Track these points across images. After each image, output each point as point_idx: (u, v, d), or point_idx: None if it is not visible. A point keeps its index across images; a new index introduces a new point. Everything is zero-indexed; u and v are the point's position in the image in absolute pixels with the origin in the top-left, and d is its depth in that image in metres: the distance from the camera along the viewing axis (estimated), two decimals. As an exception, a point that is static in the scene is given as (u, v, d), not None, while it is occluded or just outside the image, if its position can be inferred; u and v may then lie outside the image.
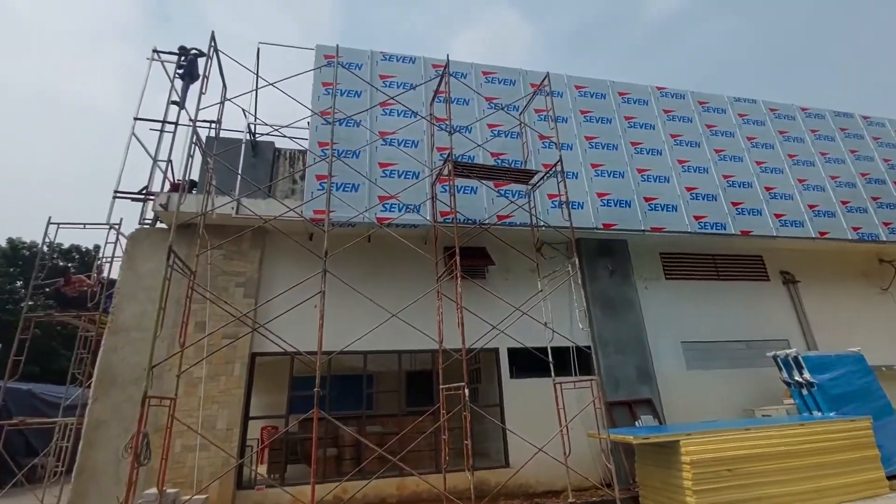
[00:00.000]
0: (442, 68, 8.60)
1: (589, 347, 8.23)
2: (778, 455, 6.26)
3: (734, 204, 10.05)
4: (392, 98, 8.55)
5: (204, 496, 6.02)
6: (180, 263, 6.00)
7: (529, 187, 8.34)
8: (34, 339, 25.08)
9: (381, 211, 7.97)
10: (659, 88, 11.12)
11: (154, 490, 5.63)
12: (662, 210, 9.45)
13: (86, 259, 31.75)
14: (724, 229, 9.68)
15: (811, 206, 10.54)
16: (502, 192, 8.70)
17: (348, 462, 8.08)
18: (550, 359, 7.44)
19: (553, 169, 7.99)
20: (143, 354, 7.15)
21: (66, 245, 31.20)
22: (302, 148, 9.15)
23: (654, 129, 10.44)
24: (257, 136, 9.10)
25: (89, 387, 8.18)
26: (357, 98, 8.88)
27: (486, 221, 8.21)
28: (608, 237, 9.42)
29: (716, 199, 9.97)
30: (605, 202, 9.23)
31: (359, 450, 8.15)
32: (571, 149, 9.49)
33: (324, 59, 8.97)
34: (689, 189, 9.89)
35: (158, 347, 7.29)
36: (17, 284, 28.65)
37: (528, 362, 8.44)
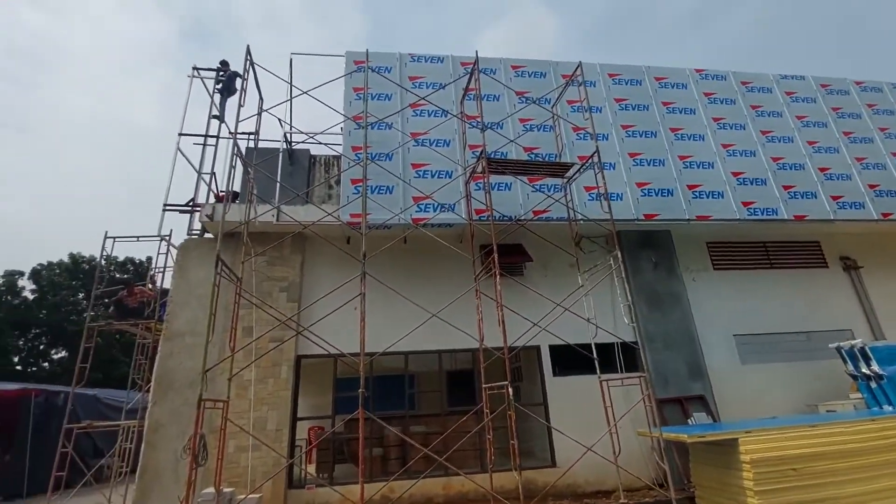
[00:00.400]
0: (470, 65, 8.54)
1: (635, 343, 7.96)
2: (848, 453, 5.83)
3: (785, 187, 9.49)
4: (422, 98, 8.58)
5: (258, 495, 6.21)
6: (227, 271, 6.22)
7: (565, 180, 8.16)
8: (97, 348, 26.77)
9: (416, 211, 8.00)
10: (698, 71, 10.65)
11: (211, 489, 5.85)
12: (707, 197, 9.04)
13: (139, 270, 33.58)
14: (776, 215, 9.16)
15: (872, 186, 9.82)
16: (537, 187, 8.55)
17: (393, 462, 8.15)
18: (595, 355, 7.25)
19: (589, 160, 7.78)
20: (197, 359, 7.49)
21: (121, 258, 33.13)
22: (336, 153, 9.32)
23: (694, 113, 10.01)
24: (293, 144, 9.33)
25: (148, 391, 8.63)
26: (388, 101, 8.95)
27: (522, 217, 8.09)
28: (650, 228, 9.10)
29: (765, 184, 9.45)
30: (646, 192, 8.92)
31: (404, 449, 8.21)
32: (607, 139, 9.22)
33: (354, 65, 9.10)
34: (735, 174, 9.41)
35: (210, 352, 7.60)
36: (80, 296, 30.64)
37: (571, 360, 8.27)
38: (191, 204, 8.35)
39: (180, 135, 8.65)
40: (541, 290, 7.94)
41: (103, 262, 9.94)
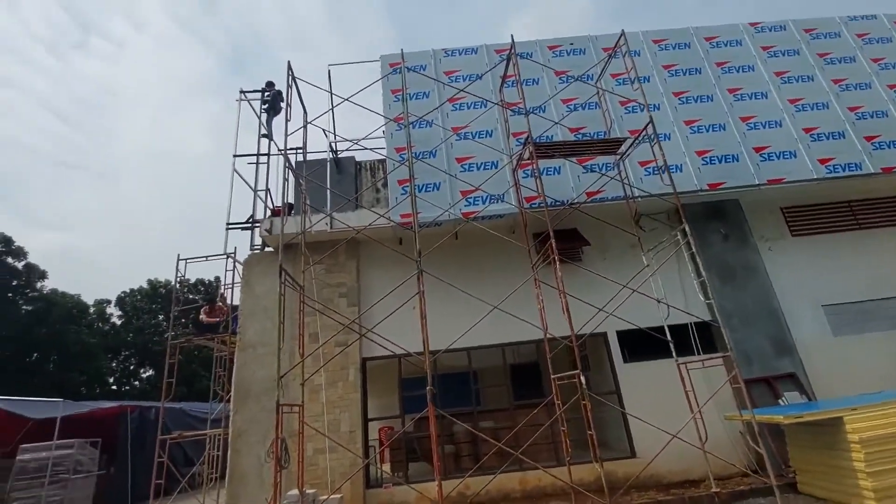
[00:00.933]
0: (505, 52, 8.36)
1: (713, 321, 7.45)
2: (977, 427, 5.15)
3: (868, 138, 8.56)
4: (462, 90, 8.47)
5: (339, 496, 6.37)
6: (290, 280, 6.42)
7: (618, 157, 7.78)
8: (179, 364, 28.72)
9: (465, 206, 7.92)
10: (752, 25, 9.84)
11: (295, 491, 6.07)
12: (778, 159, 8.32)
13: (209, 290, 35.88)
14: (859, 169, 8.28)
15: (971, 127, 8.65)
16: (588, 168, 8.23)
17: (465, 458, 8.13)
18: (669, 337, 6.86)
19: (643, 133, 7.37)
20: (269, 368, 7.82)
21: (192, 280, 35.51)
22: (380, 157, 9.43)
23: (753, 70, 9.25)
24: (338, 153, 9.54)
25: (228, 401, 9.13)
26: (426, 99, 8.94)
27: (576, 201, 7.80)
28: (716, 198, 8.51)
29: (843, 137, 8.57)
30: (707, 160, 8.34)
31: (475, 446, 8.16)
32: (659, 108, 8.70)
33: (389, 68, 9.16)
34: (807, 130, 8.60)
35: (281, 360, 7.96)
36: (160, 318, 33.15)
37: (641, 345, 7.89)
38: (250, 220, 8.73)
39: (235, 156, 9.07)
40: (602, 274, 7.62)
41: (178, 284, 10.70)
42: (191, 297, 35.82)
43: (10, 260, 21.73)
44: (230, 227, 8.66)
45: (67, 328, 23.33)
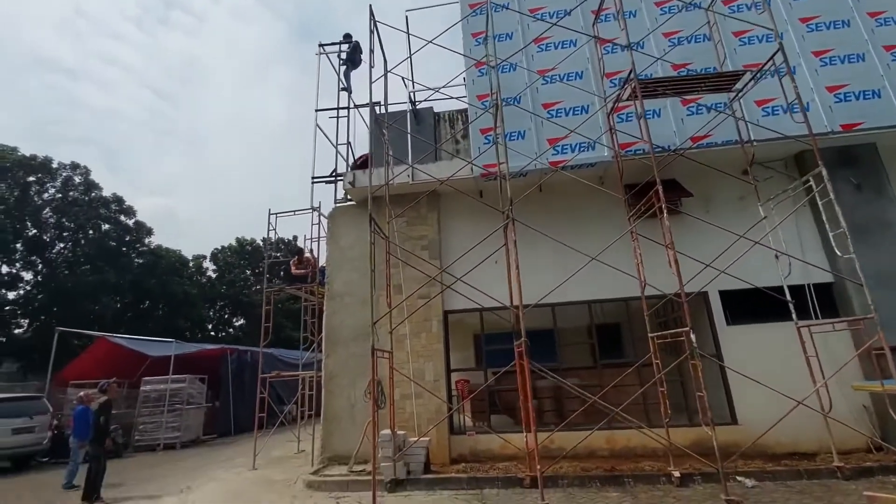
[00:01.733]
0: (599, -18, 7.52)
1: (833, 282, 6.59)
2: None
3: None
4: (554, 23, 7.79)
5: (427, 439, 6.58)
6: (378, 229, 6.45)
7: (734, 95, 6.86)
8: (266, 314, 30.92)
9: (553, 154, 7.46)
10: (910, -73, 8.04)
11: (388, 431, 6.35)
12: (933, 93, 6.93)
13: (290, 247, 38.19)
14: None
15: None
16: (693, 110, 7.37)
17: (548, 413, 8.06)
18: (789, 297, 6.16)
19: (769, 64, 6.40)
20: (355, 317, 8.11)
21: (274, 238, 37.85)
22: (460, 108, 9.09)
23: (906, -15, 7.64)
24: (417, 104, 9.32)
25: (312, 349, 9.71)
26: (509, 40, 8.36)
27: (679, 147, 7.05)
28: (848, 142, 7.32)
29: None
30: (841, 97, 7.15)
31: (558, 402, 8.06)
32: (782, 38, 7.49)
33: (469, 9, 8.65)
34: (975, 58, 7.04)
35: (366, 310, 8.20)
36: (247, 273, 36.03)
37: (746, 306, 7.22)
38: (333, 174, 8.88)
39: (317, 111, 9.16)
40: (703, 228, 6.93)
41: (271, 235, 11.35)
42: (274, 254, 38.55)
43: (122, 218, 24.34)
44: (315, 180, 8.88)
45: (172, 279, 26.00)
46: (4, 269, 20.81)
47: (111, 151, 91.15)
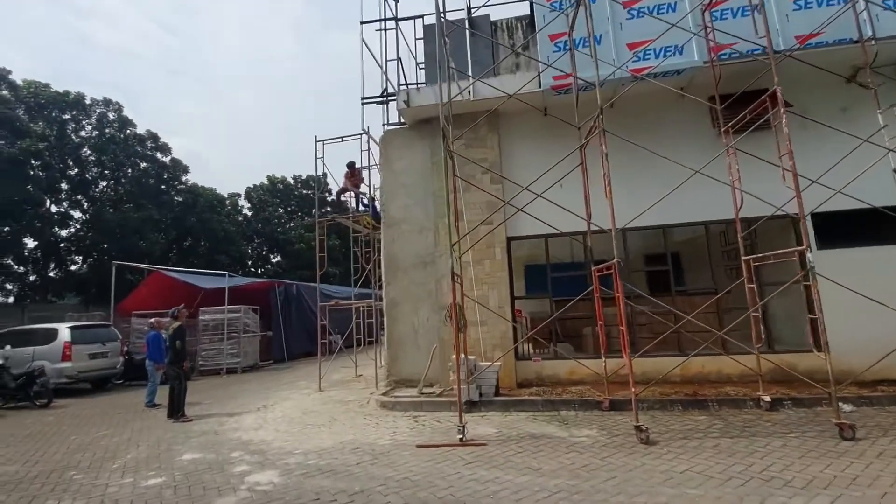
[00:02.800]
0: None
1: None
2: None
3: None
4: None
5: (498, 363, 6.54)
6: (446, 150, 6.01)
7: (859, -22, 5.81)
8: (301, 251, 31.46)
9: (634, 62, 6.65)
10: None
11: (462, 355, 6.30)
12: None
13: (319, 186, 38.04)
14: None
15: None
16: (802, 3, 6.36)
17: (615, 341, 7.89)
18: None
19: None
20: (414, 244, 7.88)
21: (304, 176, 37.74)
22: (520, 13, 8.18)
23: None
24: (473, 10, 8.43)
25: (360, 281, 9.65)
26: (581, -72, 7.25)
27: (784, 49, 6.16)
28: None
29: None
30: None
31: (631, 329, 7.84)
32: None
33: None
34: None
35: (426, 237, 7.95)
36: (280, 211, 36.35)
37: (839, 229, 6.65)
38: (384, 94, 8.30)
39: (362, 23, 8.41)
40: (798, 145, 6.18)
41: (322, 167, 11.02)
42: (304, 191, 38.54)
43: (158, 155, 24.38)
44: (365, 101, 8.34)
45: (211, 217, 26.42)
46: (54, 208, 21.42)
47: (131, 93, 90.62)
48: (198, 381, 11.92)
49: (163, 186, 24.80)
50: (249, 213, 34.00)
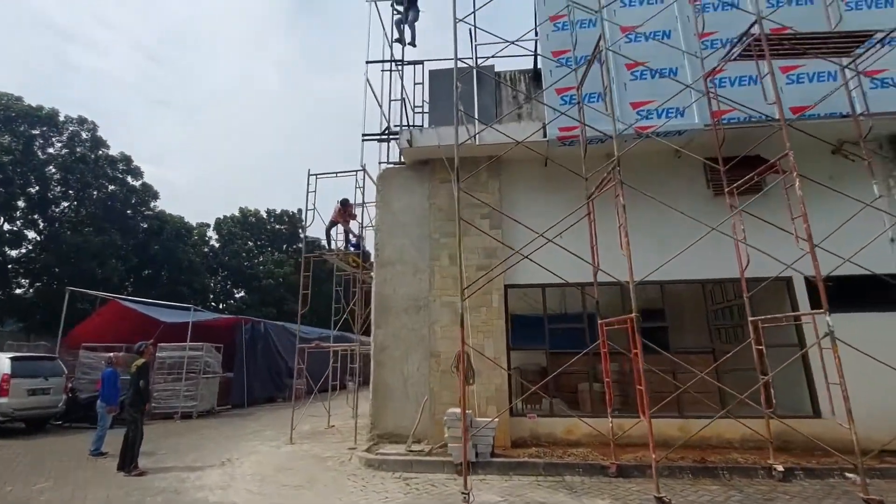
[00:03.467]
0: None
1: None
2: None
3: None
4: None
5: (496, 420, 6.09)
6: (456, 191, 5.84)
7: (851, 60, 6.23)
8: (269, 287, 30.14)
9: (637, 120, 6.83)
10: None
11: (456, 410, 5.85)
12: None
13: (293, 222, 37.37)
14: None
15: None
16: (794, 79, 6.77)
17: (616, 398, 7.61)
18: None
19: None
20: (408, 286, 7.53)
21: (278, 210, 36.98)
22: (524, 67, 8.41)
23: None
24: (480, 61, 8.60)
25: (339, 322, 9.09)
26: (587, -5, 7.63)
27: (773, 118, 6.45)
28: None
29: None
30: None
31: (622, 387, 7.59)
32: (898, 1, 6.87)
33: (542, -40, 7.88)
34: None
35: (420, 280, 7.62)
36: (249, 244, 35.16)
37: (830, 293, 6.77)
38: (386, 133, 8.20)
39: (368, 63, 8.43)
40: (784, 210, 6.40)
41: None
42: (277, 226, 37.65)
43: (129, 179, 23.36)
44: (366, 138, 8.19)
45: (177, 246, 25.21)
46: (7, 226, 19.91)
47: (105, 115, 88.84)
48: (150, 426, 10.73)
49: (129, 211, 23.63)
50: (217, 245, 32.73)
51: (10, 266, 19.97)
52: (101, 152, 21.86)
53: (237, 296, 34.10)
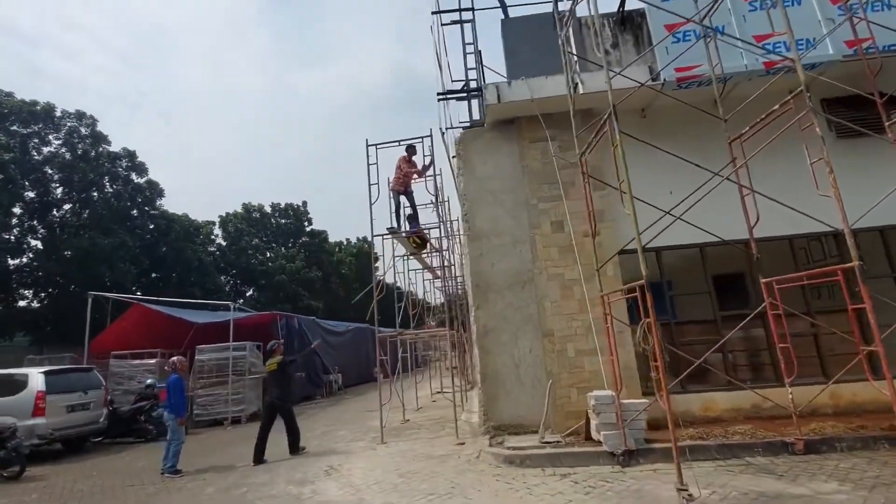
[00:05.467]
0: None
1: None
2: None
3: None
4: None
5: (647, 401, 5.36)
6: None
7: None
8: (282, 284, 29.09)
9: (763, 54, 6.02)
10: None
11: (608, 392, 5.12)
12: None
13: (298, 214, 36.22)
14: None
15: None
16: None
17: (743, 368, 6.95)
18: None
19: None
20: (509, 260, 6.73)
21: (282, 204, 35.78)
22: (607, 10, 7.53)
23: None
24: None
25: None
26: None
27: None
28: None
29: None
30: None
31: (753, 354, 6.91)
32: None
33: None
34: None
35: (521, 252, 6.82)
36: (255, 241, 33.96)
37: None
38: (464, 90, 7.31)
39: (433, 13, 7.49)
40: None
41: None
42: (282, 221, 36.43)
43: (133, 176, 22.03)
44: (441, 97, 7.30)
45: (186, 245, 24.06)
46: (4, 235, 18.62)
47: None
48: (198, 435, 9.94)
49: (135, 211, 22.39)
50: (224, 243, 31.55)
51: (13, 276, 18.74)
52: (102, 149, 20.49)
53: (247, 294, 33.04)
